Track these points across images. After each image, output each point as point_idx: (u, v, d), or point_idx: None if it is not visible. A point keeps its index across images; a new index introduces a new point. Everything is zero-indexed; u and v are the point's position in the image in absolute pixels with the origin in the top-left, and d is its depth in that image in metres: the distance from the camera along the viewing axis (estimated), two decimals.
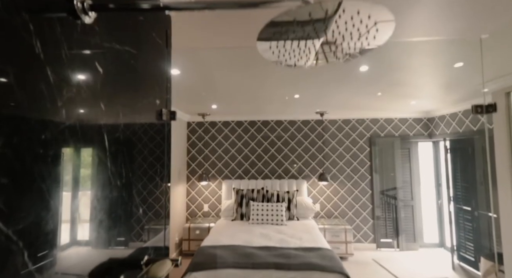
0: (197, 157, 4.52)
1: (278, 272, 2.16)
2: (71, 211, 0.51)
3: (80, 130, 0.51)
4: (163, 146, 0.97)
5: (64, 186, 0.48)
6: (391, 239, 4.22)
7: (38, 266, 0.43)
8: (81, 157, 0.54)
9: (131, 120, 0.72)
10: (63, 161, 0.48)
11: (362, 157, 4.39)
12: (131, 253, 0.75)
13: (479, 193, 3.30)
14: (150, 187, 0.87)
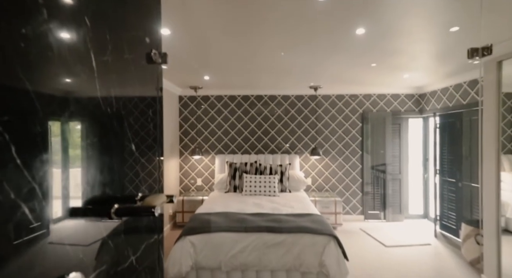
0: (189, 131, 4.48)
1: (269, 235, 2.24)
2: (62, 188, 0.49)
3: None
4: (155, 119, 0.94)
5: (53, 163, 0.47)
6: (378, 211, 4.39)
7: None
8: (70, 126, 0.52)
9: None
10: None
11: (354, 132, 4.44)
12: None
13: (464, 165, 3.43)
14: (143, 161, 0.86)
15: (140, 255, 0.80)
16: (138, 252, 0.79)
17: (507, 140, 2.92)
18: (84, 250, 0.56)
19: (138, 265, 0.78)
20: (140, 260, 0.80)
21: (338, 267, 2.14)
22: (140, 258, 0.79)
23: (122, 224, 0.70)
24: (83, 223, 0.58)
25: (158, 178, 1.05)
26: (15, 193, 0.40)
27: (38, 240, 0.44)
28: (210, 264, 2.17)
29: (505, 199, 3.04)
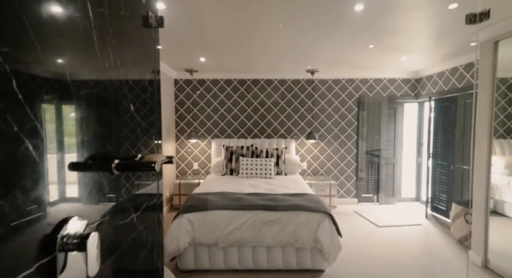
0: (185, 115, 4.45)
1: (265, 212, 2.29)
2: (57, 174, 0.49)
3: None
4: (153, 101, 0.93)
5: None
6: (371, 194, 4.49)
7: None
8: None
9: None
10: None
11: (350, 117, 4.47)
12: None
13: (456, 149, 3.50)
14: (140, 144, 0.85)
15: (140, 214, 0.81)
16: (139, 211, 0.81)
17: (499, 125, 2.97)
18: (88, 200, 0.57)
19: (139, 223, 0.80)
20: (141, 219, 0.82)
21: (332, 243, 2.21)
22: (141, 217, 0.81)
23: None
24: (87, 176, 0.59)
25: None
26: (18, 127, 0.40)
27: (40, 185, 0.45)
28: (207, 241, 2.22)
29: (494, 181, 3.14)
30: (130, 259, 0.79)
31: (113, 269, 0.66)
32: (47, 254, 0.47)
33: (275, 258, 2.28)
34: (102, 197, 0.63)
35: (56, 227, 0.49)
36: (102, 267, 0.59)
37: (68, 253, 0.50)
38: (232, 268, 2.30)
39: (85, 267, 0.53)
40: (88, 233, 0.53)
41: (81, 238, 0.51)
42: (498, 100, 2.84)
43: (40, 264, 0.45)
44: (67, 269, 0.50)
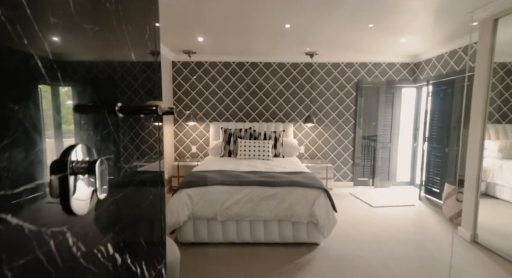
0: (183, 98, 4.45)
1: (263, 188, 2.34)
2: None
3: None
4: (153, 80, 0.93)
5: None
6: (367, 178, 4.58)
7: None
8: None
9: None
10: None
11: (348, 101, 4.49)
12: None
13: (452, 131, 3.55)
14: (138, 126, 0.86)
15: (143, 189, 0.85)
16: (142, 185, 0.84)
17: (495, 110, 3.01)
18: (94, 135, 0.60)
19: (142, 197, 0.84)
20: (144, 193, 0.86)
21: (327, 217, 2.29)
22: (143, 191, 0.85)
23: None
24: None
25: (159, 141, 1.08)
26: (28, 41, 0.42)
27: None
28: (206, 214, 2.28)
29: (487, 165, 3.21)
30: (134, 230, 0.83)
31: (119, 239, 0.70)
32: (60, 176, 0.50)
33: (272, 231, 2.36)
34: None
35: (64, 151, 0.52)
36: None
37: (78, 176, 0.54)
38: (230, 241, 2.37)
39: (93, 192, 0.57)
40: (95, 159, 0.56)
41: (89, 163, 0.54)
42: (496, 85, 2.86)
43: (53, 182, 0.49)
44: (77, 191, 0.54)
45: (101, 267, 0.63)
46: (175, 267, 1.52)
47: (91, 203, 0.57)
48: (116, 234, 0.70)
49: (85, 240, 0.57)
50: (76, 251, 0.55)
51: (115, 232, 0.69)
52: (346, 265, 2.10)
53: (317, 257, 2.21)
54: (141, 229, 0.88)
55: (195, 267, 2.04)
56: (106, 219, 0.66)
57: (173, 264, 1.51)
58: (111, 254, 0.68)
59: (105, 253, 0.65)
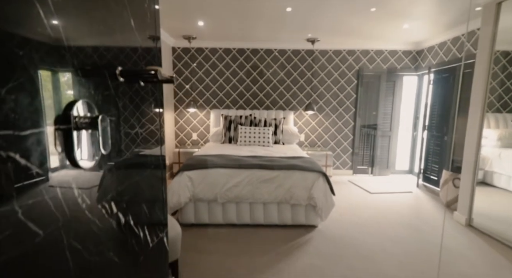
0: (184, 85, 4.43)
1: (263, 171, 2.37)
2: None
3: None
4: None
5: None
6: (366, 166, 4.61)
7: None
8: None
9: None
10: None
11: (349, 89, 4.47)
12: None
13: (451, 119, 3.55)
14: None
15: (145, 171, 0.88)
16: (144, 168, 0.87)
17: (496, 99, 3.00)
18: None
19: (146, 179, 0.86)
20: (147, 176, 0.88)
21: (325, 200, 2.32)
22: (146, 174, 0.88)
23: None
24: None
25: (160, 128, 1.10)
26: None
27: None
28: (207, 196, 2.32)
29: (486, 153, 3.23)
30: (136, 195, 0.85)
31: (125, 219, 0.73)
32: (64, 130, 0.52)
33: (271, 213, 2.41)
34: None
35: (67, 106, 0.53)
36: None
37: (81, 132, 0.55)
38: (230, 223, 2.42)
39: (97, 147, 0.59)
40: (98, 115, 0.58)
41: (91, 118, 0.56)
42: (497, 74, 2.85)
43: (58, 135, 0.50)
44: (82, 146, 0.56)
45: (105, 222, 0.66)
46: (177, 242, 1.56)
47: (95, 159, 0.59)
48: (119, 195, 0.72)
49: (89, 194, 0.59)
50: (81, 203, 0.57)
51: (118, 193, 0.72)
52: (343, 245, 2.15)
53: (314, 238, 2.27)
54: (143, 195, 0.91)
55: (196, 245, 2.10)
56: (110, 178, 0.69)
57: (175, 239, 1.55)
58: (115, 213, 0.70)
59: (109, 210, 0.68)
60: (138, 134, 0.84)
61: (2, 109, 0.39)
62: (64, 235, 0.53)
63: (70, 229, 0.54)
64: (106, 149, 0.60)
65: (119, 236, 0.73)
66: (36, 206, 0.47)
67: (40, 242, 0.47)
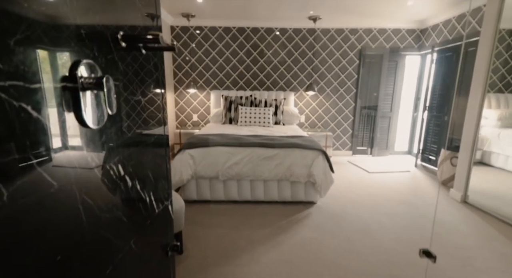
0: (183, 65, 4.37)
1: (263, 149, 2.40)
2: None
3: None
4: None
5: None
6: (366, 147, 4.65)
7: None
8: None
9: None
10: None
11: (351, 69, 4.41)
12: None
13: (452, 99, 3.54)
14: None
15: (149, 149, 0.90)
16: (148, 146, 0.89)
17: (499, 79, 2.97)
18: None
19: (150, 156, 0.88)
20: (151, 153, 0.90)
21: (325, 177, 2.38)
22: (150, 151, 0.90)
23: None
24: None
25: (163, 110, 1.11)
26: None
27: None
28: (208, 174, 2.37)
29: (485, 134, 3.24)
30: (141, 161, 0.87)
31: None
32: (71, 89, 0.53)
33: (272, 190, 2.47)
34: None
35: (73, 65, 0.54)
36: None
37: (88, 92, 0.57)
38: (232, 199, 2.49)
39: (103, 108, 0.61)
40: (102, 75, 0.59)
41: (96, 78, 0.57)
42: (501, 53, 2.80)
43: (66, 95, 0.52)
44: (88, 106, 0.57)
45: (114, 183, 0.69)
46: (181, 215, 1.62)
47: (102, 119, 0.61)
48: (125, 159, 0.75)
49: (98, 154, 0.62)
50: (90, 161, 0.60)
51: (124, 157, 0.75)
52: (340, 220, 2.23)
53: (313, 213, 2.34)
54: (148, 163, 0.94)
55: (198, 219, 2.18)
56: (116, 140, 0.71)
57: (179, 212, 1.61)
58: (122, 175, 0.73)
59: (116, 172, 0.70)
60: (140, 102, 0.86)
61: (12, 60, 0.40)
62: (77, 190, 0.56)
63: (81, 185, 0.56)
64: (112, 109, 0.62)
65: (127, 198, 0.76)
66: (49, 160, 0.49)
67: (55, 193, 0.50)
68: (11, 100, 0.40)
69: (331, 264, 1.64)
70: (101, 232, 0.64)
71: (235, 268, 1.58)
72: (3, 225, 0.38)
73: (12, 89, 0.40)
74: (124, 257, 0.73)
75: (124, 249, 0.74)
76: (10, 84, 0.40)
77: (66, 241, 0.52)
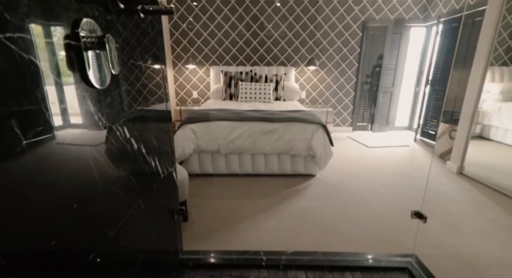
0: (181, 40, 4.26)
1: (264, 123, 2.43)
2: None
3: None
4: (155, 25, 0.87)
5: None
6: (366, 123, 4.66)
7: None
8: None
9: None
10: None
11: (353, 43, 4.29)
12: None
13: (455, 72, 3.49)
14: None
15: (152, 124, 0.92)
16: (151, 121, 0.91)
17: (504, 51, 2.89)
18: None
19: (154, 129, 0.91)
20: (154, 128, 0.92)
21: (324, 150, 2.42)
22: (153, 126, 0.92)
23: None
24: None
25: (164, 87, 1.10)
26: None
27: None
28: (210, 148, 2.42)
29: (486, 108, 3.22)
30: (147, 141, 0.90)
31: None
32: (74, 47, 0.54)
33: (272, 164, 2.53)
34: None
35: (74, 23, 0.55)
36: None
37: (90, 52, 0.58)
38: (233, 173, 2.57)
39: (107, 67, 0.62)
40: (104, 34, 0.60)
41: (98, 38, 0.58)
42: (510, 24, 2.70)
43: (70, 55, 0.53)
44: (93, 66, 0.59)
45: (120, 144, 0.72)
46: (184, 185, 1.69)
47: (106, 79, 0.63)
48: (130, 122, 0.77)
49: (103, 113, 0.64)
50: (97, 120, 0.62)
51: (129, 120, 0.77)
52: (338, 191, 2.31)
53: (313, 185, 2.42)
54: (152, 129, 0.97)
55: (202, 191, 2.26)
56: (120, 102, 0.73)
57: (182, 182, 1.67)
58: (128, 137, 0.77)
59: (122, 133, 0.73)
60: (141, 67, 0.87)
61: (17, 12, 0.41)
62: (87, 148, 0.59)
63: (90, 142, 0.60)
64: (115, 69, 0.63)
65: (134, 159, 0.80)
66: (61, 115, 0.52)
67: (65, 146, 0.53)
68: (21, 52, 0.41)
69: (328, 230, 1.74)
70: (112, 187, 0.68)
71: (238, 233, 1.68)
72: (23, 170, 0.42)
73: (20, 41, 0.41)
74: (134, 214, 0.79)
75: (133, 206, 0.79)
76: (19, 36, 0.41)
77: (82, 192, 0.56)
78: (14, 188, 0.40)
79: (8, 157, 0.39)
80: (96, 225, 0.60)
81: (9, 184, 0.39)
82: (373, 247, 1.56)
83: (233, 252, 1.41)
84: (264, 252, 1.41)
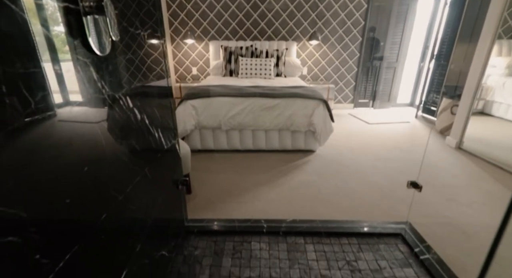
0: (179, 13, 4.10)
1: (264, 99, 2.42)
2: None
3: None
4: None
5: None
6: (367, 100, 4.62)
7: None
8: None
9: None
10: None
11: (358, 15, 4.12)
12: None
13: (459, 46, 3.39)
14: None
15: (154, 100, 0.90)
16: (153, 97, 0.89)
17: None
18: None
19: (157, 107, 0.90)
20: (157, 104, 0.90)
21: (324, 126, 2.43)
22: (155, 102, 0.90)
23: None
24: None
25: (165, 63, 1.07)
26: None
27: None
28: (211, 124, 2.43)
29: (490, 83, 3.16)
30: (150, 112, 0.89)
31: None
32: (73, 12, 0.53)
33: (273, 140, 2.56)
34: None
35: None
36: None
37: (89, 17, 0.57)
38: (234, 148, 2.60)
39: (107, 33, 0.62)
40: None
41: (97, 1, 0.57)
42: None
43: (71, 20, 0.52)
44: (93, 32, 0.58)
45: (124, 113, 0.73)
46: (187, 159, 1.73)
47: (107, 45, 0.62)
48: (132, 92, 0.78)
49: (106, 81, 0.65)
50: (101, 87, 0.63)
51: (131, 90, 0.78)
52: (338, 165, 2.35)
53: (312, 160, 2.47)
54: (154, 101, 0.98)
55: (204, 166, 2.31)
56: (121, 71, 0.73)
57: (185, 156, 1.71)
58: (131, 107, 0.78)
59: (125, 103, 0.74)
60: (141, 36, 0.86)
61: None
62: (92, 116, 0.61)
63: (95, 109, 0.61)
64: (116, 36, 0.63)
65: (137, 129, 0.82)
66: (61, 81, 0.53)
67: (72, 113, 0.54)
68: (21, 14, 0.41)
69: (326, 201, 1.80)
70: (119, 154, 0.71)
71: (239, 205, 1.75)
72: (32, 132, 0.44)
73: (20, 1, 0.41)
74: (141, 181, 0.82)
75: (140, 173, 0.82)
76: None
77: (90, 155, 0.58)
78: (26, 146, 0.42)
79: (19, 118, 0.40)
80: (106, 189, 0.64)
81: (22, 143, 0.41)
82: (369, 217, 1.63)
83: (236, 220, 1.49)
84: (265, 220, 1.48)
